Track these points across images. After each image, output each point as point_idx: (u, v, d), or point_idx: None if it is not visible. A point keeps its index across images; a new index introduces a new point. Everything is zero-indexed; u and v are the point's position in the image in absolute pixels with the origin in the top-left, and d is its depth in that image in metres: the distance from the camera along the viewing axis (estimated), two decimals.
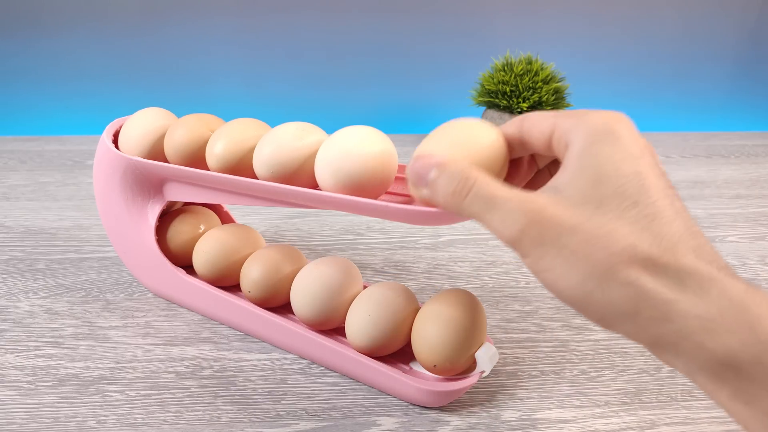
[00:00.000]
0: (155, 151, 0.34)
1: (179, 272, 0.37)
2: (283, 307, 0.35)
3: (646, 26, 0.90)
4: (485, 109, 0.76)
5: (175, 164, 0.33)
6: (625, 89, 0.92)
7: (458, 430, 0.29)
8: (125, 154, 0.35)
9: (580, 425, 0.30)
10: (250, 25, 0.83)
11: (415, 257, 0.46)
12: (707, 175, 0.70)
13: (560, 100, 0.73)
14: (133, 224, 0.37)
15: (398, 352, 0.32)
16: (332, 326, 0.33)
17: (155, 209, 0.37)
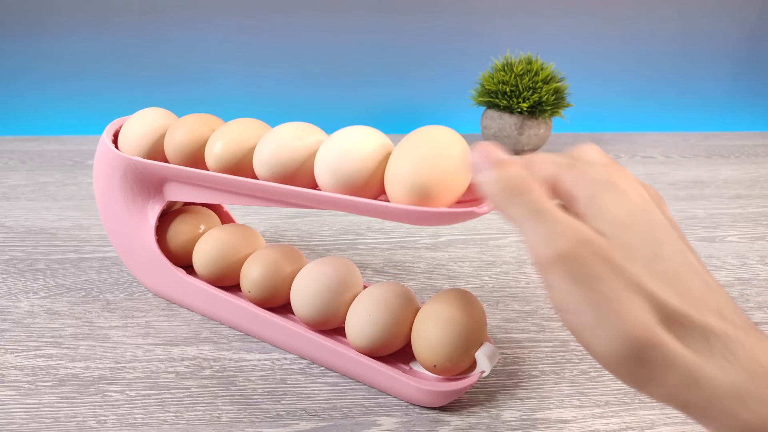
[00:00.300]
0: (155, 151, 0.34)
1: (179, 272, 0.37)
2: (283, 307, 0.35)
3: (646, 26, 0.90)
4: (485, 109, 0.76)
5: (175, 164, 0.33)
6: (625, 89, 0.92)
7: (458, 430, 0.29)
8: (125, 154, 0.35)
9: (580, 425, 0.30)
10: (250, 25, 0.83)
11: (415, 257, 0.46)
12: (707, 175, 0.70)
13: (560, 100, 0.73)
14: (133, 224, 0.37)
15: (398, 352, 0.32)
16: (332, 326, 0.33)
17: (155, 209, 0.37)
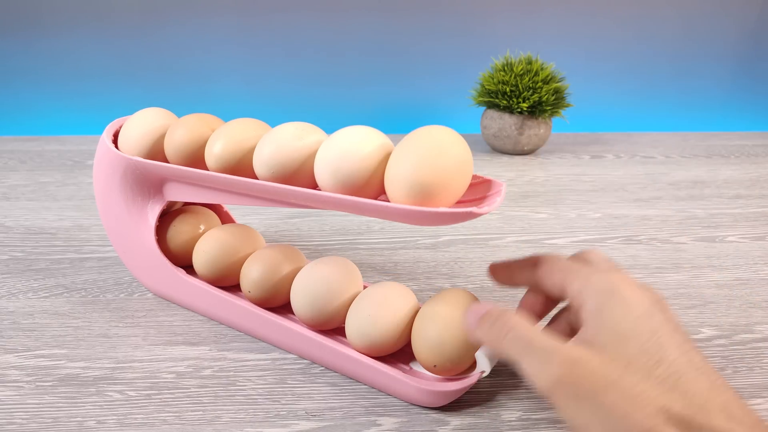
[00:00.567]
0: (155, 151, 0.34)
1: (179, 272, 0.37)
2: (283, 307, 0.35)
3: (646, 26, 0.90)
4: (485, 109, 0.76)
5: (175, 164, 0.33)
6: (625, 89, 0.93)
7: (458, 430, 0.29)
8: (125, 154, 0.35)
9: None
10: (250, 24, 0.83)
11: (415, 257, 0.46)
12: (707, 175, 0.70)
13: (560, 100, 0.73)
14: (133, 224, 0.37)
15: (398, 352, 0.32)
16: (332, 326, 0.33)
17: (155, 209, 0.37)
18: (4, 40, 0.80)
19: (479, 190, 0.29)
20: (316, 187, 0.29)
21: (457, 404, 0.30)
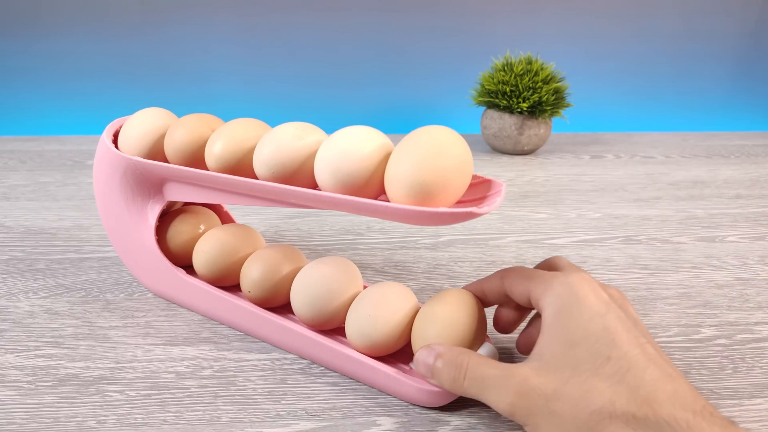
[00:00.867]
0: (155, 151, 0.34)
1: (179, 272, 0.37)
2: (283, 307, 0.35)
3: (646, 26, 0.90)
4: (485, 109, 0.76)
5: (175, 164, 0.33)
6: (625, 89, 0.93)
7: (458, 430, 0.29)
8: (125, 154, 0.35)
9: None
10: (250, 24, 0.83)
11: (415, 257, 0.46)
12: (707, 175, 0.70)
13: (560, 100, 0.73)
14: (133, 224, 0.37)
15: (398, 352, 0.32)
16: (332, 326, 0.33)
17: (155, 209, 0.37)
18: (4, 40, 0.80)
19: (479, 190, 0.29)
20: (316, 187, 0.29)
21: (457, 404, 0.30)
